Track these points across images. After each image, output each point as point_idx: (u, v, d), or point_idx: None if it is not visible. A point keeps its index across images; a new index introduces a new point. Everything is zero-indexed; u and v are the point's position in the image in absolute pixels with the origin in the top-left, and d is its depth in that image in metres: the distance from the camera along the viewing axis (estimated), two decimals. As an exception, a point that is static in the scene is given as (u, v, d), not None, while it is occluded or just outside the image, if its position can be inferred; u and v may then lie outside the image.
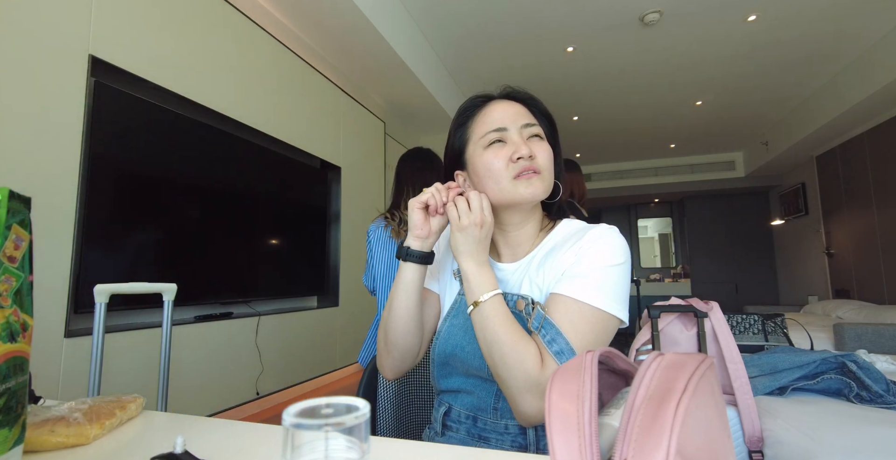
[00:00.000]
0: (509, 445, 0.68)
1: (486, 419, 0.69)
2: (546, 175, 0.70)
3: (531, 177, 0.68)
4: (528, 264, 0.73)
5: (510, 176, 0.69)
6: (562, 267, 0.68)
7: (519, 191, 0.68)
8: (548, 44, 3.53)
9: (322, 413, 0.28)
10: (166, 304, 1.15)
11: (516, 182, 0.68)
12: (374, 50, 3.02)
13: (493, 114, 0.73)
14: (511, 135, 0.71)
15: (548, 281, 0.69)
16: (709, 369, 0.29)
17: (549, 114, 0.77)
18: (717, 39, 3.50)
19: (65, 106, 1.53)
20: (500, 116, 0.72)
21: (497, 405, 0.69)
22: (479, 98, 0.76)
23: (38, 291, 0.49)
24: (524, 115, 0.73)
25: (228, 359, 2.17)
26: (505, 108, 0.73)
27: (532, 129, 0.72)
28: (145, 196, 1.87)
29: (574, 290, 0.63)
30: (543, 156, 0.70)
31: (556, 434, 0.28)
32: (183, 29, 2.02)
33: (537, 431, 0.67)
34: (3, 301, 0.40)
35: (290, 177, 2.78)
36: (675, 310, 1.16)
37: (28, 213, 0.44)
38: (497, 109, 0.73)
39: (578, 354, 0.57)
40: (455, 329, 0.72)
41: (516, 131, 0.71)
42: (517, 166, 0.68)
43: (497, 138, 0.71)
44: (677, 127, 5.58)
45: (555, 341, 0.60)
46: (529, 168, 0.68)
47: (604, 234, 0.68)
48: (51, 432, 0.48)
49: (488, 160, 0.70)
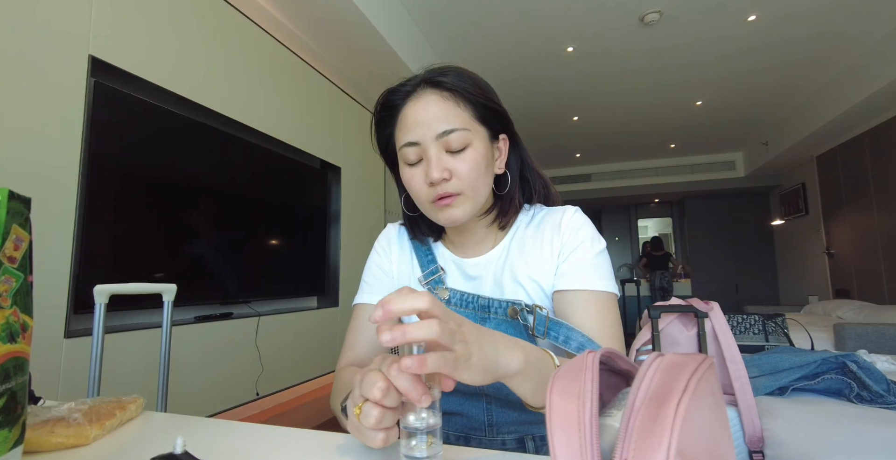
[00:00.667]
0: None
1: (481, 438, 0.66)
2: (469, 192, 0.62)
3: (447, 203, 0.62)
4: (500, 256, 0.69)
5: (428, 199, 0.63)
6: (547, 257, 0.66)
7: (437, 217, 0.64)
8: (548, 44, 3.53)
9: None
10: (166, 305, 1.15)
11: (433, 207, 0.63)
12: (374, 50, 3.02)
13: (409, 118, 0.62)
14: (426, 149, 0.61)
15: (533, 272, 0.66)
16: (709, 369, 0.29)
17: (483, 94, 0.64)
18: (717, 39, 3.50)
19: (65, 106, 1.53)
20: (413, 124, 0.62)
21: (491, 420, 0.66)
22: (398, 93, 0.64)
23: (37, 292, 0.49)
24: (440, 118, 0.61)
25: (228, 360, 2.17)
26: (420, 108, 0.62)
27: (450, 139, 0.60)
28: (145, 196, 1.87)
29: (586, 282, 0.63)
30: (464, 171, 0.61)
31: (557, 434, 0.28)
32: (183, 29, 2.02)
33: (536, 442, 0.65)
34: (2, 301, 0.40)
35: (290, 178, 2.78)
36: (675, 310, 1.16)
37: (28, 214, 0.44)
38: (412, 112, 0.62)
39: (604, 343, 0.59)
40: None
41: (431, 145, 0.61)
42: (432, 191, 0.62)
43: (414, 158, 0.62)
44: (677, 127, 5.58)
45: (571, 338, 0.58)
46: (444, 194, 0.61)
47: (582, 221, 0.68)
48: (51, 433, 0.48)
49: (407, 179, 0.64)
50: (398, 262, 0.76)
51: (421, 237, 0.75)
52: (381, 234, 0.80)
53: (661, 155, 6.84)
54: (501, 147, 0.69)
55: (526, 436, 0.65)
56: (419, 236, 0.75)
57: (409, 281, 0.73)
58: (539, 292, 0.67)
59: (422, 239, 0.75)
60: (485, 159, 0.63)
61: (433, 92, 0.63)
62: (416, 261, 0.73)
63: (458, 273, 0.71)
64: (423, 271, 0.71)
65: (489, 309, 0.66)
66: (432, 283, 0.70)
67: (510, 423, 0.65)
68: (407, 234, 0.77)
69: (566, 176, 7.49)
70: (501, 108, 0.67)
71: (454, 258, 0.72)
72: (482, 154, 0.63)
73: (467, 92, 0.63)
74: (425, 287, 0.70)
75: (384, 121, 0.67)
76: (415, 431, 0.39)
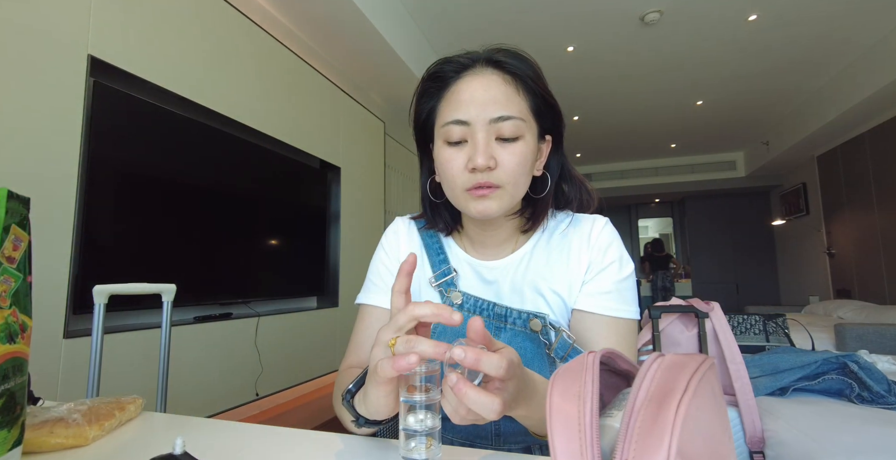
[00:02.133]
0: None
1: (487, 446, 0.63)
2: (510, 187, 0.57)
3: (484, 194, 0.57)
4: (520, 262, 0.65)
5: (463, 186, 0.58)
6: (574, 271, 0.63)
7: (468, 207, 0.59)
8: (548, 44, 3.52)
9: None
10: (165, 305, 1.15)
11: (468, 195, 0.58)
12: (374, 50, 3.02)
13: (462, 94, 0.57)
14: (475, 132, 0.56)
15: (557, 284, 0.63)
16: (709, 370, 0.29)
17: (545, 86, 0.61)
18: (718, 39, 3.50)
19: (64, 106, 1.53)
20: (467, 101, 0.56)
21: (498, 430, 0.63)
22: (452, 64, 0.59)
23: (37, 292, 0.49)
24: (499, 102, 0.56)
25: (228, 360, 2.17)
26: (478, 86, 0.57)
27: (504, 125, 0.56)
28: (145, 196, 1.87)
29: (611, 308, 0.61)
30: (510, 164, 0.56)
31: (558, 435, 0.28)
32: (183, 29, 2.02)
33: (543, 451, 0.63)
34: (2, 302, 0.40)
35: (290, 178, 2.78)
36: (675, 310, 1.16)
37: (27, 214, 0.44)
38: (468, 88, 0.57)
39: None
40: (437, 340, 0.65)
41: (482, 128, 0.56)
42: (471, 178, 0.57)
43: (457, 137, 0.57)
44: (678, 127, 5.58)
45: None
46: (484, 184, 0.56)
47: (613, 238, 0.65)
48: (50, 433, 0.48)
49: (444, 160, 0.59)
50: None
51: (438, 228, 0.69)
52: (389, 229, 0.73)
53: (662, 155, 6.84)
54: (543, 148, 0.64)
55: (533, 446, 0.64)
56: (438, 226, 0.69)
57: (418, 281, 0.68)
58: (561, 307, 0.64)
59: (439, 230, 0.70)
60: (532, 155, 0.59)
61: (494, 72, 0.58)
62: (427, 260, 0.68)
63: (473, 275, 0.66)
64: (434, 272, 0.66)
65: (506, 318, 0.62)
66: (444, 285, 0.65)
67: (517, 434, 0.63)
68: (417, 230, 0.71)
69: (566, 176, 7.49)
70: (558, 105, 0.63)
71: (469, 259, 0.67)
72: (531, 149, 0.59)
73: (531, 79, 0.59)
74: (436, 289, 0.65)
75: (429, 93, 0.62)
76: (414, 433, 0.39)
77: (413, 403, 0.39)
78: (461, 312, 0.59)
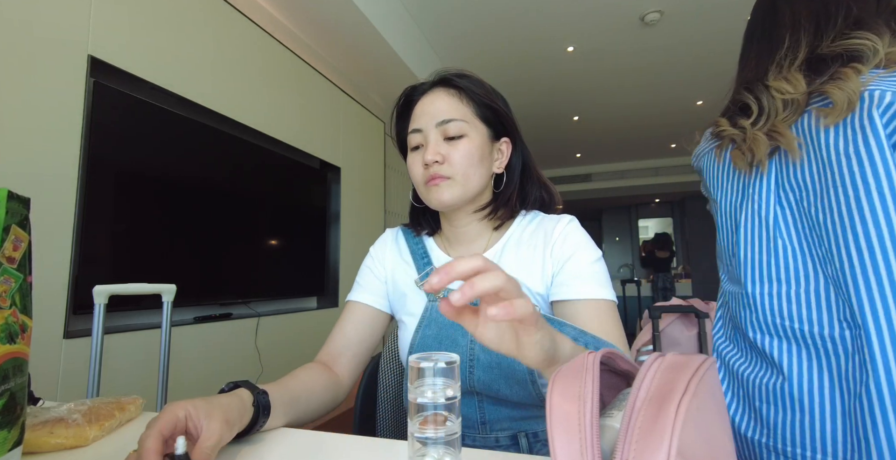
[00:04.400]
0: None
1: (475, 435, 0.66)
2: (459, 178, 0.66)
3: (436, 183, 0.67)
4: (493, 258, 0.71)
5: (422, 181, 0.69)
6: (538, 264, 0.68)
7: (429, 198, 0.69)
8: (548, 44, 3.52)
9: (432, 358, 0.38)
10: (165, 305, 1.15)
11: (426, 188, 0.68)
12: (374, 49, 3.02)
13: (418, 109, 0.71)
14: (427, 135, 0.68)
15: (525, 278, 0.68)
16: (710, 370, 0.29)
17: (487, 95, 0.70)
18: (718, 38, 3.50)
19: (64, 106, 1.53)
20: (420, 114, 0.70)
21: (483, 418, 0.66)
22: (416, 89, 0.73)
23: (37, 292, 0.49)
24: (443, 110, 0.68)
25: (228, 360, 2.17)
26: (428, 103, 0.70)
27: (449, 127, 0.67)
28: (145, 196, 1.87)
29: (586, 291, 0.64)
30: (456, 156, 0.66)
31: (558, 435, 0.28)
32: (183, 30, 2.02)
33: (529, 438, 0.65)
34: (2, 302, 0.40)
35: (290, 178, 2.78)
36: (675, 310, 1.16)
37: (27, 214, 0.44)
38: (422, 105, 0.70)
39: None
40: (428, 339, 0.69)
41: (431, 131, 0.68)
42: (426, 173, 0.68)
43: (415, 143, 0.70)
44: (678, 127, 5.58)
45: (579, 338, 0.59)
46: (435, 175, 0.67)
47: (574, 229, 0.70)
48: (50, 433, 0.48)
49: (410, 164, 0.71)
50: (392, 266, 0.79)
51: (423, 231, 0.79)
52: (379, 240, 0.84)
53: (662, 155, 6.84)
54: (503, 149, 0.73)
55: (519, 433, 0.66)
56: (422, 228, 0.79)
57: (404, 282, 0.76)
58: (540, 302, 0.68)
59: (424, 233, 0.79)
60: (479, 151, 0.68)
61: (442, 89, 0.71)
62: (413, 263, 0.76)
63: None
64: (419, 273, 0.74)
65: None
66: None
67: (503, 420, 0.66)
68: (404, 239, 0.81)
69: (566, 176, 7.49)
70: (503, 110, 0.72)
71: (448, 259, 0.75)
72: (477, 146, 0.68)
73: (472, 91, 0.70)
74: (421, 287, 0.72)
75: (402, 115, 0.75)
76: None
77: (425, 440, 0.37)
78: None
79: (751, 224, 0.64)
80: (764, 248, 0.62)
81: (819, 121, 0.56)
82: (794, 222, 0.60)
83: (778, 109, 0.60)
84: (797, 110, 0.59)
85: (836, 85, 0.55)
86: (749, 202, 0.64)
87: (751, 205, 0.64)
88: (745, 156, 0.63)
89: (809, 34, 0.63)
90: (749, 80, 0.68)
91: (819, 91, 0.57)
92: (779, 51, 0.65)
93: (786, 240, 0.60)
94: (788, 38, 0.64)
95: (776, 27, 0.68)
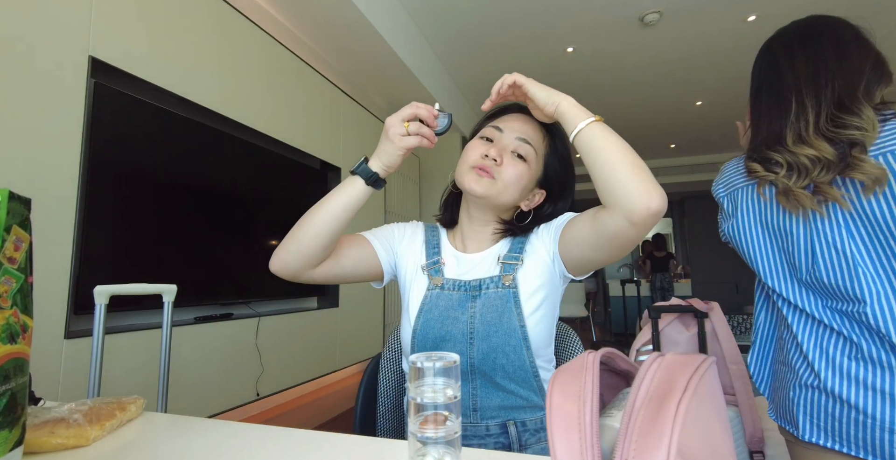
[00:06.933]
0: (493, 446, 0.67)
1: (466, 424, 0.68)
2: (500, 185, 0.72)
3: (481, 175, 0.72)
4: (488, 256, 0.78)
5: (471, 163, 0.74)
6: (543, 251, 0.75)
7: (464, 180, 0.73)
8: (548, 44, 3.52)
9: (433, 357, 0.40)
10: (166, 305, 1.15)
11: (469, 171, 0.73)
12: (374, 50, 3.02)
13: (511, 117, 0.77)
14: (502, 137, 0.75)
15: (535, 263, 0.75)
16: (709, 369, 0.29)
17: (568, 154, 0.79)
18: (718, 39, 3.50)
19: (65, 107, 1.53)
20: (511, 120, 0.76)
21: (476, 405, 0.69)
22: (522, 107, 0.79)
23: (38, 292, 0.50)
24: (532, 135, 0.75)
25: (228, 360, 2.17)
26: (526, 120, 0.76)
27: (523, 146, 0.74)
28: (145, 197, 1.87)
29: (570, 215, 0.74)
30: (510, 171, 0.73)
31: (558, 434, 0.28)
32: (183, 30, 2.02)
33: (517, 427, 0.68)
34: (3, 302, 0.40)
35: (290, 178, 2.78)
36: (675, 310, 1.16)
37: (28, 214, 0.44)
38: (518, 117, 0.77)
39: None
40: (432, 322, 0.72)
41: (509, 138, 0.75)
42: (480, 160, 0.73)
43: (489, 135, 0.76)
44: (677, 127, 5.58)
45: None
46: (485, 167, 0.72)
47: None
48: (51, 433, 0.48)
49: (470, 146, 0.76)
50: (408, 246, 0.84)
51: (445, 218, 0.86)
52: (411, 223, 0.90)
53: (661, 155, 6.84)
54: (536, 196, 0.79)
55: (508, 421, 0.68)
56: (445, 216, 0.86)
57: (413, 265, 0.82)
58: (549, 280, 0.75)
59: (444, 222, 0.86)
60: (524, 181, 0.75)
61: (532, 118, 0.77)
62: (425, 251, 0.82)
63: (457, 265, 0.79)
64: (427, 261, 0.80)
65: (480, 287, 0.73)
66: (432, 271, 0.78)
67: (494, 408, 0.69)
68: (425, 231, 0.87)
69: (566, 176, 7.48)
70: (561, 171, 0.79)
71: (455, 253, 0.81)
72: (527, 175, 0.75)
73: (558, 139, 0.78)
74: (424, 273, 0.79)
75: (495, 114, 0.81)
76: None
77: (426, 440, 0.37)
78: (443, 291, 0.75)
79: (828, 254, 0.65)
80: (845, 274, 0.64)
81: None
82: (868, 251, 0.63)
83: (808, 167, 0.64)
84: (831, 169, 0.63)
85: (857, 170, 0.60)
86: (819, 235, 0.67)
87: (823, 238, 0.66)
88: (795, 206, 0.66)
89: (812, 98, 0.69)
90: (767, 139, 0.73)
91: (843, 175, 0.62)
92: (788, 114, 0.70)
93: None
94: (794, 102, 0.70)
95: (782, 89, 0.73)
